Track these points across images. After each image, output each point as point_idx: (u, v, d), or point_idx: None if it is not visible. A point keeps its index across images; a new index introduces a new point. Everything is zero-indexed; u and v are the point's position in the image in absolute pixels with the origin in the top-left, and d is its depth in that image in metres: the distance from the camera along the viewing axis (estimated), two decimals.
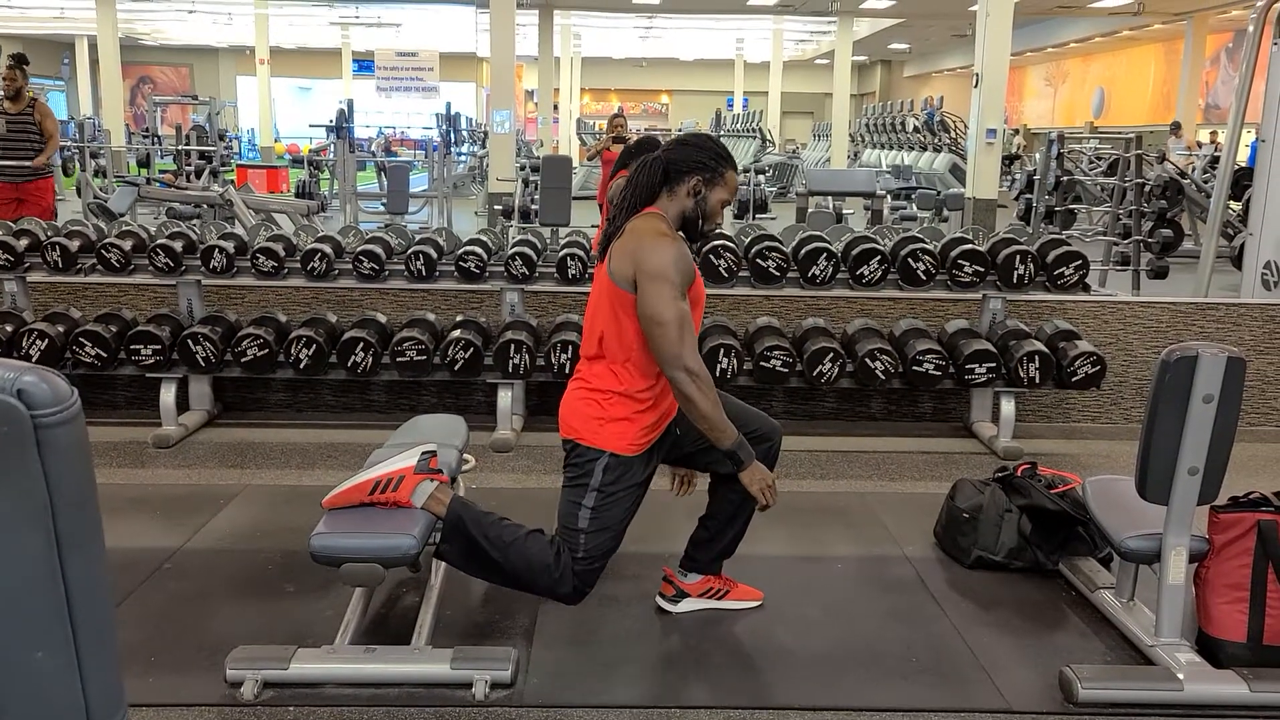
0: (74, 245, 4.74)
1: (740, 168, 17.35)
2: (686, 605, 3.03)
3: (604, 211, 7.44)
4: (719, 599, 3.05)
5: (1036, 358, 4.54)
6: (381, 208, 12.92)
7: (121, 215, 9.19)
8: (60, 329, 4.65)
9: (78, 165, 13.31)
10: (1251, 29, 6.40)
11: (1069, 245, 4.80)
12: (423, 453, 2.69)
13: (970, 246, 4.69)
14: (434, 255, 4.71)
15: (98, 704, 0.87)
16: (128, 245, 4.72)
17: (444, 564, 2.92)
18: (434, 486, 2.66)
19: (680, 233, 2.76)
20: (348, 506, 2.64)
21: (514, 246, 4.83)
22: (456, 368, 4.59)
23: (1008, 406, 4.69)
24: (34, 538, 0.82)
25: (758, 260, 4.64)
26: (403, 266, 4.73)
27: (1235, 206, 9.39)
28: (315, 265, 4.64)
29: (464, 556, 2.71)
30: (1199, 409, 2.60)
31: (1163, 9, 19.33)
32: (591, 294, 2.81)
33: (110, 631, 0.91)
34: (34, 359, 4.49)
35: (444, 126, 17.54)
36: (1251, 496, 2.80)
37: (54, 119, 7.93)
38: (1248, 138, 9.86)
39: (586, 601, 2.75)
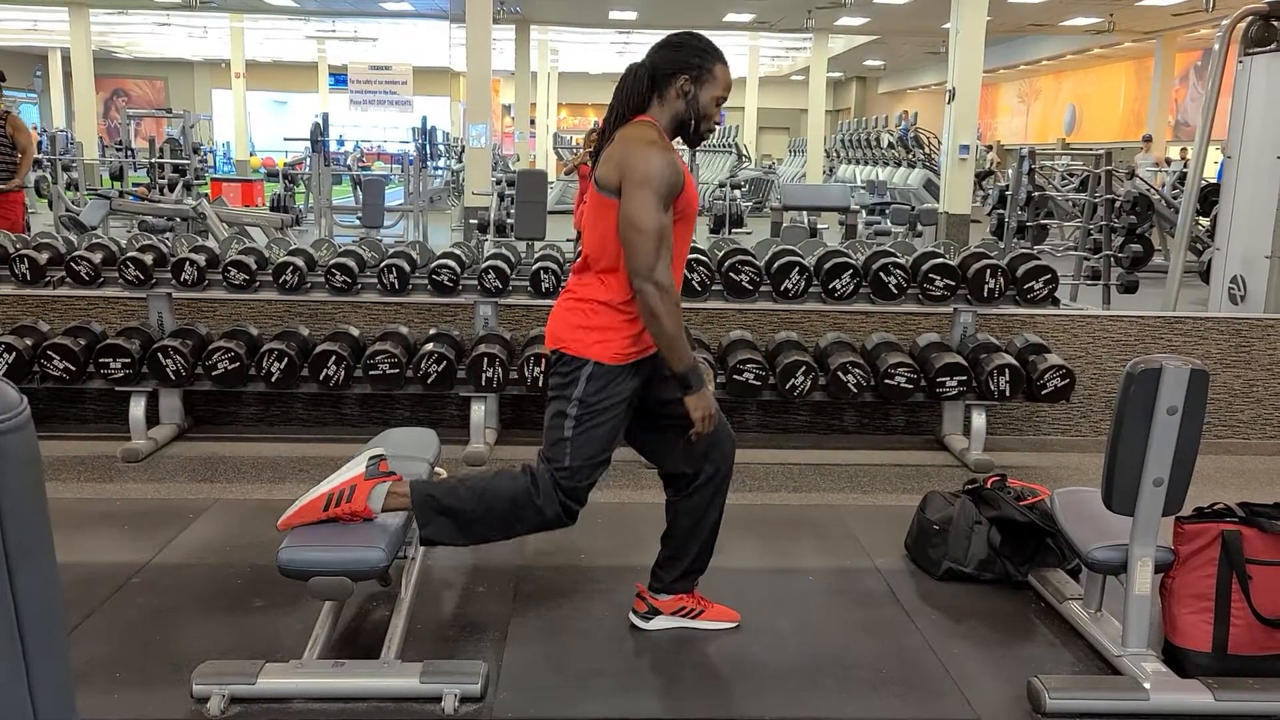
0: (43, 258, 4.70)
1: (716, 183, 17.36)
2: (659, 623, 3.01)
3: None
4: (692, 619, 3.02)
5: (1007, 371, 4.57)
6: (357, 221, 12.89)
7: (93, 228, 9.11)
8: (28, 342, 4.61)
9: (50, 181, 13.21)
10: (1217, 47, 6.51)
11: (1039, 260, 4.85)
12: (370, 458, 2.68)
13: (941, 261, 4.72)
14: (407, 269, 4.70)
15: (47, 712, 0.86)
16: (97, 258, 4.69)
17: (413, 577, 2.91)
18: (388, 485, 2.64)
19: (678, 136, 2.72)
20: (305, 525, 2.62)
21: (488, 260, 4.83)
22: (429, 381, 4.58)
23: (978, 419, 4.72)
24: None
25: (730, 274, 4.65)
26: (375, 280, 4.72)
27: (1205, 222, 9.52)
28: (287, 278, 4.62)
29: (450, 528, 2.68)
30: (1163, 421, 2.63)
31: (1132, 28, 19.61)
32: (586, 208, 2.76)
33: (60, 642, 0.91)
34: (0, 372, 4.44)
35: (420, 141, 17.52)
36: (1216, 507, 2.83)
37: (28, 133, 7.84)
38: (1216, 154, 10.00)
39: (558, 617, 2.75)
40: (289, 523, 2.63)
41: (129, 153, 16.61)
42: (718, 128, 2.85)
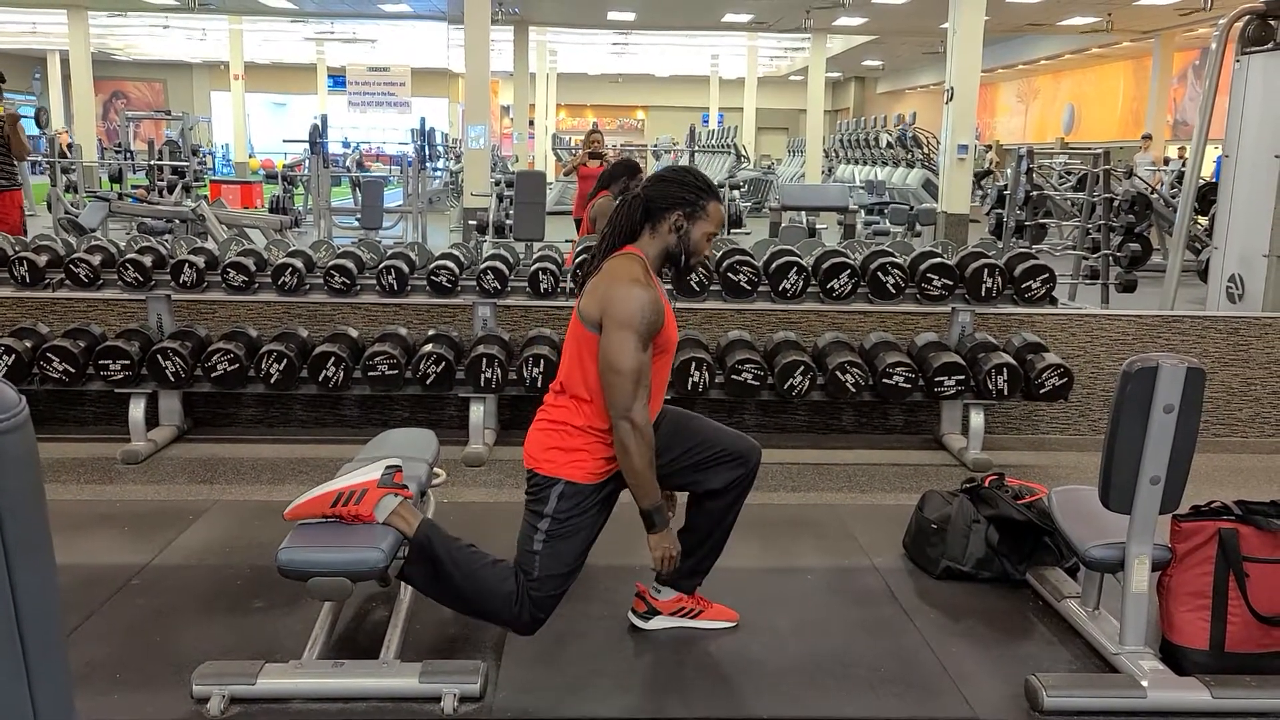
0: (42, 260, 4.71)
1: (715, 184, 17.54)
2: (658, 623, 3.02)
3: (581, 227, 7.48)
4: (692, 618, 3.03)
5: (1005, 370, 4.58)
6: (356, 223, 12.90)
7: (92, 231, 9.12)
8: (28, 344, 4.62)
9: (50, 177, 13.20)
10: (1214, 46, 6.52)
11: (1036, 259, 4.85)
12: (387, 467, 2.69)
13: (939, 260, 4.73)
14: (405, 270, 4.71)
15: (46, 711, 0.87)
16: (96, 260, 4.70)
17: None
18: (397, 501, 2.65)
19: (667, 267, 2.75)
20: (311, 520, 2.63)
21: (486, 261, 4.84)
22: (428, 382, 4.59)
23: (977, 418, 4.73)
24: None
25: (729, 274, 4.66)
26: (374, 281, 4.73)
27: (1203, 221, 9.53)
28: (286, 280, 4.63)
29: (429, 579, 2.69)
30: (1160, 419, 2.63)
31: (1131, 27, 19.62)
32: (567, 332, 2.80)
33: (59, 641, 0.91)
34: (1, 375, 4.45)
35: (419, 142, 17.54)
36: (1213, 505, 2.83)
37: (21, 126, 7.92)
38: (1214, 153, 10.01)
39: (557, 615, 2.75)
40: (296, 512, 2.64)
41: (128, 155, 16.62)
42: (707, 261, 2.87)
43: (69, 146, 16.85)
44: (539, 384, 4.52)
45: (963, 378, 4.61)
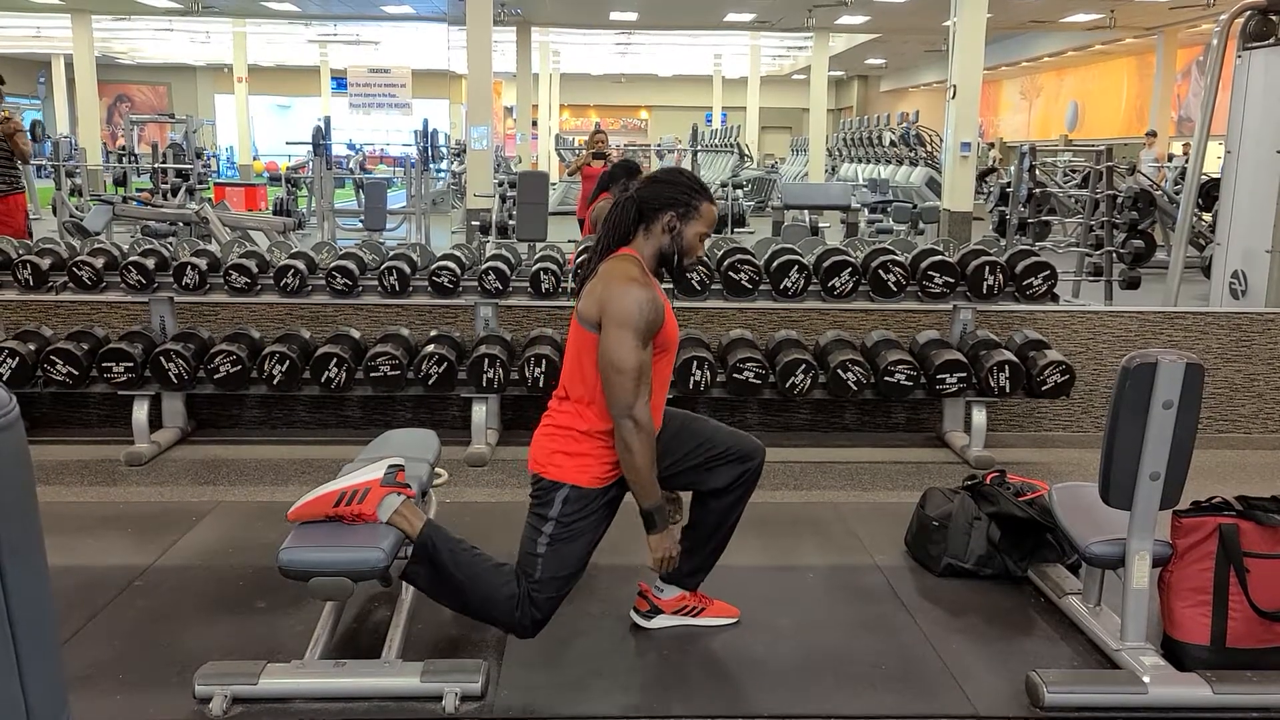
0: (45, 263, 4.72)
1: (719, 182, 17.37)
2: (660, 621, 3.03)
3: (584, 228, 7.49)
4: (694, 616, 3.04)
5: (1007, 367, 4.58)
6: (359, 224, 12.92)
7: (97, 234, 9.16)
8: (31, 347, 4.63)
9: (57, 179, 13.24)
10: (1215, 42, 6.51)
11: (1037, 256, 4.85)
12: (389, 466, 2.69)
13: (940, 258, 4.73)
14: (407, 270, 4.72)
15: (39, 711, 0.87)
16: (99, 263, 4.71)
17: None
18: (400, 501, 2.66)
19: (662, 268, 2.76)
20: (313, 520, 2.64)
21: (487, 261, 4.85)
22: (430, 382, 4.59)
23: (979, 416, 4.72)
24: None
25: (730, 273, 4.67)
26: (376, 282, 4.74)
27: (1208, 218, 9.52)
28: (288, 281, 4.64)
29: (431, 581, 2.70)
30: (1159, 415, 2.63)
31: (1134, 23, 19.58)
32: (568, 335, 2.81)
33: (52, 637, 0.92)
34: (4, 378, 4.47)
35: (422, 143, 17.55)
36: (1213, 501, 2.83)
37: (24, 134, 7.95)
38: (1216, 149, 9.99)
39: (559, 614, 2.75)
40: (298, 513, 2.65)
41: (132, 158, 16.66)
42: (700, 262, 2.87)
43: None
44: (541, 384, 4.52)
45: (964, 375, 4.61)
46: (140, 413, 4.65)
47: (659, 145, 26.52)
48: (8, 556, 0.83)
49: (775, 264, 4.69)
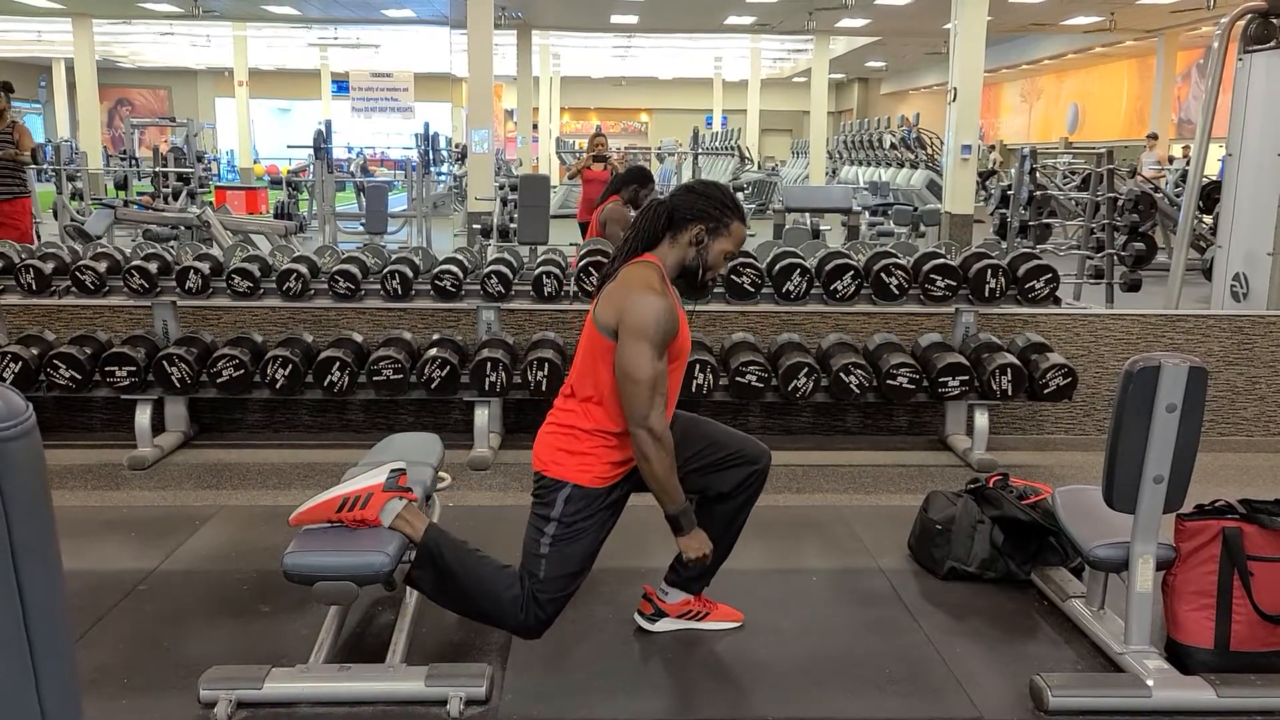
0: (48, 267, 4.73)
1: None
2: (664, 625, 3.03)
3: (588, 230, 7.50)
4: (698, 620, 3.04)
5: (1009, 370, 4.58)
6: (360, 228, 12.92)
7: (98, 237, 9.15)
8: (34, 351, 4.64)
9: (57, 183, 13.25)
10: (1216, 45, 6.51)
11: (1039, 259, 4.85)
12: (391, 470, 2.70)
13: (942, 261, 4.73)
14: (410, 274, 4.72)
15: (54, 713, 0.88)
16: (102, 267, 4.72)
17: None
18: (402, 505, 2.66)
19: (681, 279, 2.76)
20: (316, 525, 2.64)
21: (490, 265, 4.85)
22: (433, 386, 4.60)
23: (981, 419, 4.73)
24: None
25: (733, 276, 4.67)
26: (379, 286, 4.75)
27: (1208, 220, 9.52)
28: (291, 285, 4.65)
29: (436, 584, 2.71)
30: (1163, 418, 2.64)
31: (1134, 26, 19.58)
32: (581, 334, 2.81)
33: (67, 642, 0.93)
34: (7, 382, 4.47)
35: (423, 146, 17.57)
36: (1217, 504, 2.84)
37: (30, 137, 8.00)
38: (1218, 151, 10.00)
39: (563, 618, 2.76)
40: (301, 519, 2.65)
41: (133, 162, 16.67)
42: (720, 279, 2.86)
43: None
44: (543, 387, 4.53)
45: (967, 378, 4.61)
46: (143, 417, 4.65)
47: (659, 148, 26.52)
48: (24, 562, 0.84)
49: (778, 267, 4.70)
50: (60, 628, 0.89)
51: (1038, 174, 10.61)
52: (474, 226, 12.32)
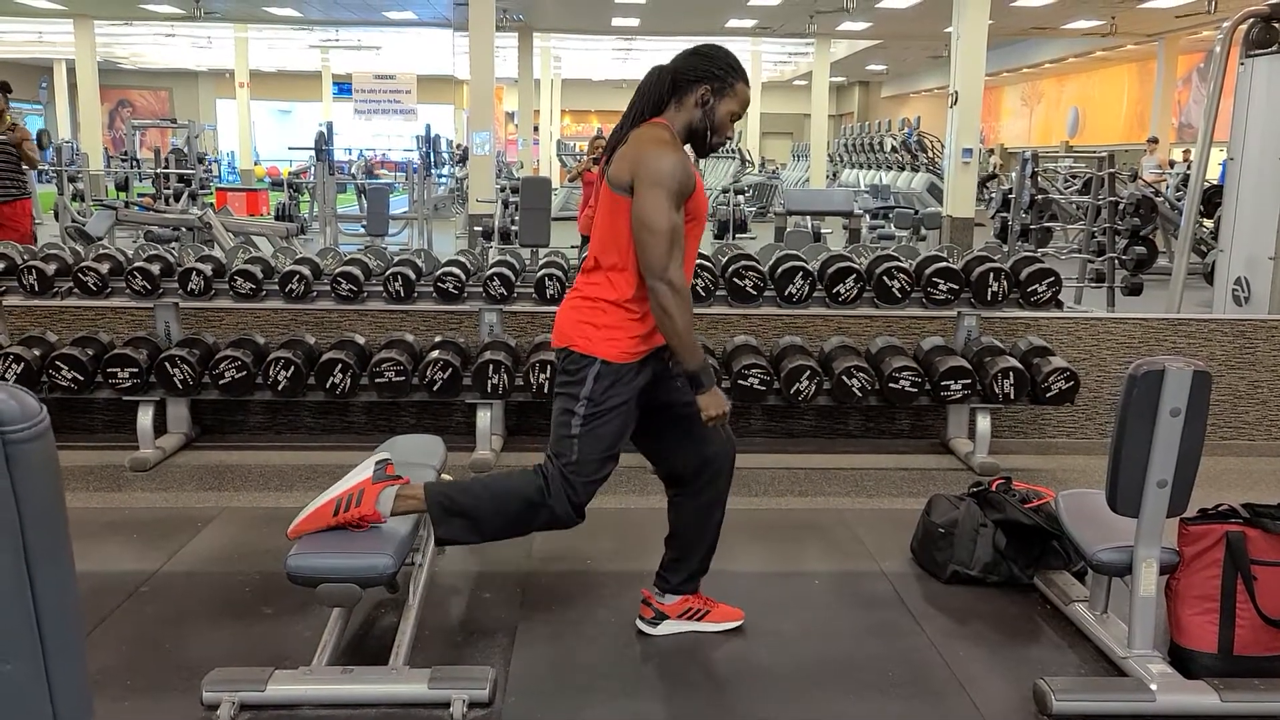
0: (50, 269, 4.73)
1: (719, 188, 17.38)
2: (666, 627, 3.02)
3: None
4: (699, 619, 3.04)
5: (1011, 374, 4.58)
6: (362, 230, 12.93)
7: (99, 239, 9.15)
8: (36, 353, 4.63)
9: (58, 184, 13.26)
10: (1218, 49, 6.51)
11: (1041, 262, 4.85)
12: (377, 463, 2.70)
13: (944, 264, 4.73)
14: (412, 276, 4.73)
15: (66, 714, 0.88)
16: (104, 268, 4.72)
17: (421, 583, 2.92)
18: (396, 489, 2.66)
19: (689, 143, 2.74)
20: (316, 531, 2.64)
21: (492, 267, 4.85)
22: (435, 388, 4.60)
23: (984, 422, 4.72)
24: (3, 552, 0.84)
25: (734, 279, 4.67)
26: (381, 288, 4.75)
27: (1209, 224, 9.53)
28: (293, 287, 4.65)
29: (466, 526, 2.71)
30: (1167, 422, 2.63)
31: (1134, 30, 19.61)
32: (596, 209, 2.78)
33: (79, 643, 0.93)
34: (9, 383, 4.47)
35: (424, 149, 17.58)
36: (1220, 509, 2.83)
37: (31, 142, 8.00)
38: (1219, 155, 10.01)
39: (564, 622, 2.76)
40: (299, 530, 2.64)
41: (134, 163, 16.68)
42: (729, 141, 2.88)
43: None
44: (545, 390, 4.52)
45: (969, 382, 4.61)
46: (145, 418, 4.65)
47: None
48: (37, 563, 0.84)
49: (780, 270, 4.70)
50: (73, 630, 0.89)
51: (1039, 177, 10.62)
52: (475, 229, 12.33)
